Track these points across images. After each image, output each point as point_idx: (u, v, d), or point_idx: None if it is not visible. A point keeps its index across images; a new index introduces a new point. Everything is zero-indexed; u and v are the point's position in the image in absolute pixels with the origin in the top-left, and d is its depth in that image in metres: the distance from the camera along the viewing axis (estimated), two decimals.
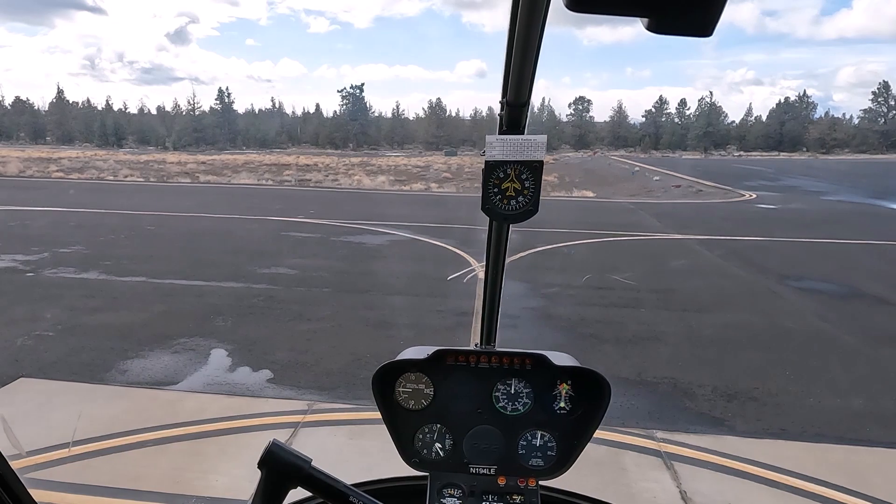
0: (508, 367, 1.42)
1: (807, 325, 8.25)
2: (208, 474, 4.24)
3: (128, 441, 4.66)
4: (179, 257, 11.85)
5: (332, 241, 14.04)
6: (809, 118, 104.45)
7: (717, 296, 9.68)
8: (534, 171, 1.08)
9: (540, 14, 0.74)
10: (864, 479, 4.40)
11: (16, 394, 5.49)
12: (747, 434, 5.16)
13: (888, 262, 12.84)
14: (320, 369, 6.29)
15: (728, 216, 20.57)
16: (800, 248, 14.45)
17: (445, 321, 8.07)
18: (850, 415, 5.58)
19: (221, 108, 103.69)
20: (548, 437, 1.41)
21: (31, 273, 10.22)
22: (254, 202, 22.65)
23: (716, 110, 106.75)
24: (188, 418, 5.06)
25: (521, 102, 0.98)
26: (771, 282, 10.61)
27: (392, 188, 31.47)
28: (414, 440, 1.44)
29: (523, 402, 1.42)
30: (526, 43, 0.80)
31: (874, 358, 7.02)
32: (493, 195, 1.10)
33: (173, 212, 19.16)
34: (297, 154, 70.23)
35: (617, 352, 7.03)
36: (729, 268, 11.74)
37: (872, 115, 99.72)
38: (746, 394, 5.93)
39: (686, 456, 4.74)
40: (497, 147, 1.06)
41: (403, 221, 17.19)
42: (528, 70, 0.87)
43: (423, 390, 1.43)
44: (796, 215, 20.72)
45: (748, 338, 7.62)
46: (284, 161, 51.42)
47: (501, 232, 1.29)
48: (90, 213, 18.35)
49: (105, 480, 4.14)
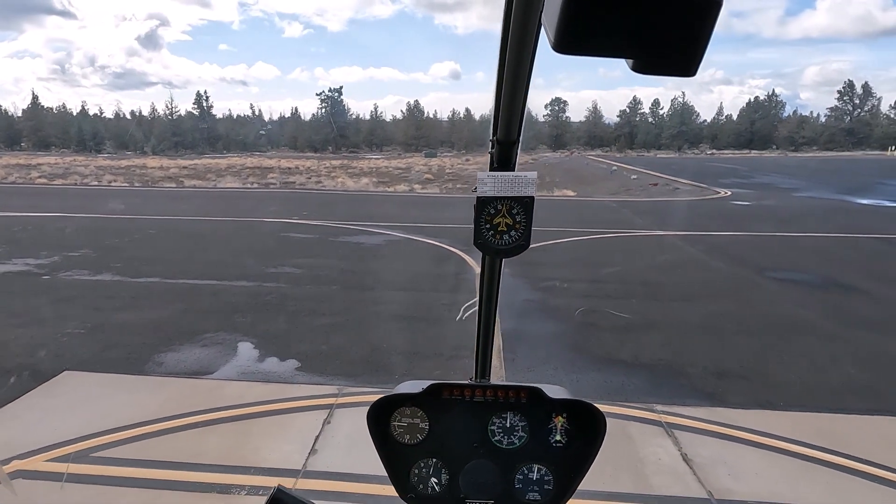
0: (504, 400, 1.42)
1: (785, 311, 8.92)
2: (259, 450, 4.66)
3: (179, 423, 5.05)
4: (189, 260, 12.17)
5: (331, 241, 14.46)
6: (778, 117, 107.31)
7: (701, 286, 10.32)
8: (525, 207, 1.10)
9: (528, 55, 0.75)
10: (842, 441, 4.96)
11: (62, 386, 5.82)
12: (738, 405, 5.72)
13: (857, 253, 13.67)
14: (343, 359, 6.72)
15: (706, 213, 21.42)
16: (775, 241, 15.25)
17: (447, 312, 8.54)
18: (827, 388, 6.19)
19: (199, 112, 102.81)
20: (544, 470, 1.41)
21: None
22: (246, 205, 22.91)
23: (688, 110, 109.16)
24: (230, 403, 5.46)
25: (511, 140, 1.00)
26: (750, 273, 11.31)
27: (376, 189, 31.81)
28: (410, 475, 1.45)
29: (519, 435, 1.42)
30: (515, 83, 0.82)
31: (847, 338, 7.67)
32: (486, 230, 1.10)
33: (174, 216, 19.41)
34: (277, 157, 70.05)
35: (614, 338, 7.57)
36: (710, 261, 12.43)
37: (839, 114, 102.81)
38: (735, 372, 6.52)
39: (684, 425, 5.27)
40: (489, 184, 1.08)
41: (394, 221, 17.64)
42: (518, 109, 0.90)
43: (419, 425, 1.44)
44: (771, 211, 21.64)
45: (733, 323, 8.25)
46: (266, 164, 51.32)
47: (494, 266, 1.30)
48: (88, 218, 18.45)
49: (165, 456, 4.54)
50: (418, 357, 6.86)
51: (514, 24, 0.67)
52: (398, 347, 7.14)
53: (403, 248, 13.72)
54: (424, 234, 15.19)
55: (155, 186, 33.01)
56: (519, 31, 0.69)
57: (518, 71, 0.78)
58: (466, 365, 6.47)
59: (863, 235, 15.85)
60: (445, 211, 21.27)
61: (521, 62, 0.76)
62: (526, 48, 0.73)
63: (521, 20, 0.66)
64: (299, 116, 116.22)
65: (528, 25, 0.67)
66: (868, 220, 19.26)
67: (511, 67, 0.78)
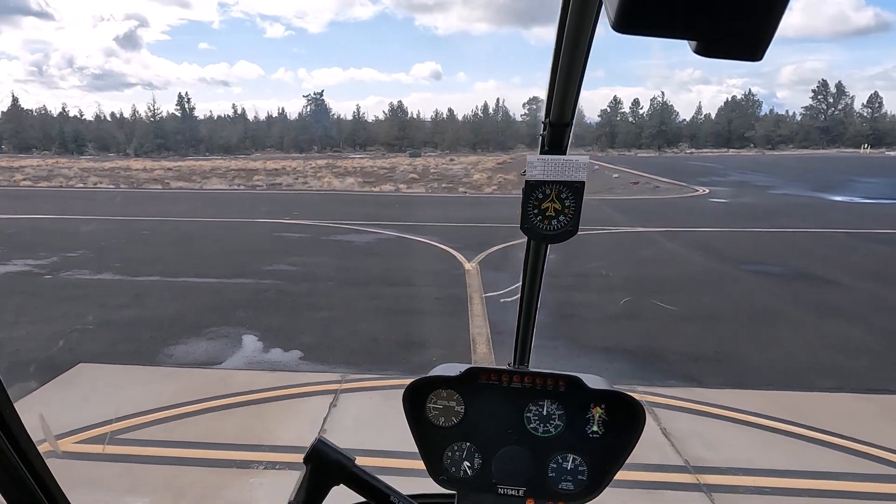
0: (541, 388, 1.41)
1: (758, 300, 9.46)
2: (272, 430, 5.02)
3: (194, 409, 5.39)
4: (187, 259, 12.45)
5: (323, 239, 14.81)
6: (755, 116, 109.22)
7: (680, 279, 10.85)
8: (575, 192, 1.08)
9: (586, 35, 0.74)
10: (806, 415, 5.45)
11: (77, 377, 6.12)
12: (712, 386, 6.19)
13: (828, 248, 14.32)
14: (344, 349, 7.09)
15: (685, 210, 22.09)
16: (751, 237, 15.90)
17: (440, 306, 8.94)
18: (798, 368, 6.71)
19: (182, 114, 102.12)
20: (579, 460, 1.40)
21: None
22: (236, 206, 23.15)
23: (668, 109, 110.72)
24: (240, 390, 5.81)
25: (564, 122, 0.98)
26: (726, 266, 11.88)
27: (362, 189, 32.09)
28: (443, 458, 1.44)
29: (555, 424, 1.41)
30: (571, 63, 0.80)
31: (815, 325, 8.22)
32: (533, 215, 1.10)
33: (166, 217, 19.58)
34: (262, 159, 69.93)
35: (599, 328, 8.04)
36: (689, 255, 12.99)
37: (814, 112, 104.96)
38: (711, 356, 7.02)
39: (663, 403, 5.73)
40: (538, 167, 1.06)
41: (382, 220, 18.04)
42: (573, 91, 0.88)
43: (454, 408, 1.44)
44: (747, 208, 22.36)
45: (710, 311, 8.76)
46: (251, 166, 51.24)
47: (539, 252, 1.29)
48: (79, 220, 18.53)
49: (186, 437, 4.89)
50: (415, 346, 7.26)
51: (574, 3, 0.67)
52: (395, 338, 7.52)
53: (395, 246, 14.11)
54: (414, 232, 15.59)
55: (142, 188, 32.97)
56: (578, 11, 0.68)
57: (575, 52, 0.78)
58: (457, 350, 6.88)
59: (832, 230, 16.55)
60: (432, 210, 21.68)
61: (579, 43, 0.75)
62: (585, 27, 0.72)
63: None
64: (286, 117, 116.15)
65: (587, 4, 0.66)
66: (838, 215, 20.03)
67: (568, 48, 0.77)
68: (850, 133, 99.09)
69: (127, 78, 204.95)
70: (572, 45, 0.76)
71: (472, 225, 17.90)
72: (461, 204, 24.68)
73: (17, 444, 0.78)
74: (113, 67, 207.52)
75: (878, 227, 16.96)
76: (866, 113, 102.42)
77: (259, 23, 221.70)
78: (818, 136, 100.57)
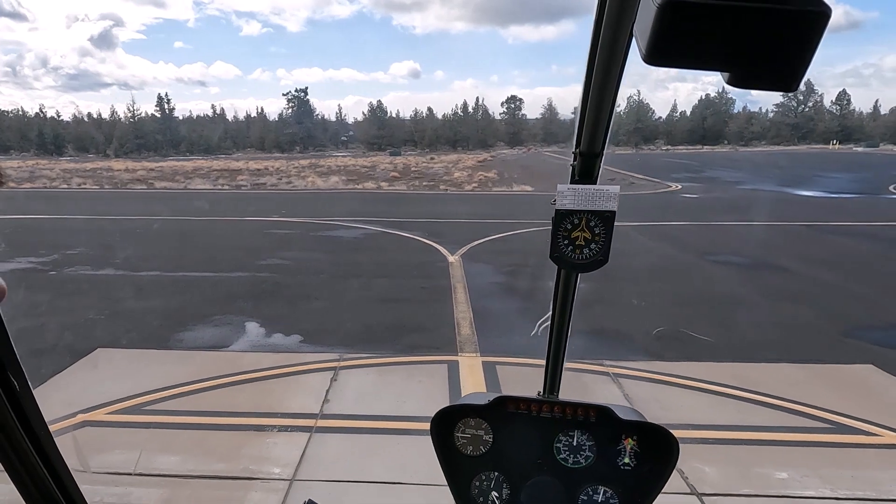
0: (571, 418, 1.39)
1: (718, 286, 10.33)
2: (282, 401, 5.68)
3: (209, 384, 6.02)
4: (185, 255, 13.01)
5: (313, 235, 15.48)
6: (729, 113, 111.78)
7: (651, 269, 11.68)
8: (605, 221, 1.08)
9: (617, 67, 0.73)
10: (750, 382, 6.23)
11: (96, 362, 6.70)
12: (670, 360, 6.98)
13: (790, 239, 15.32)
14: (341, 333, 7.76)
15: (657, 205, 23.06)
16: (716, 229, 16.88)
17: (426, 294, 9.64)
18: (748, 344, 7.54)
19: (161, 114, 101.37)
20: (610, 493, 1.37)
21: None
22: (225, 206, 23.77)
23: (644, 107, 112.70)
24: (249, 368, 6.45)
25: (594, 153, 0.97)
26: (692, 257, 12.77)
27: (346, 187, 32.64)
28: (471, 487, 1.43)
29: (585, 455, 1.38)
30: (602, 94, 0.80)
31: (770, 307, 9.09)
32: (564, 244, 1.09)
33: (159, 216, 20.06)
34: (245, 159, 69.94)
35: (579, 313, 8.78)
36: (659, 247, 13.86)
37: (785, 110, 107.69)
38: (672, 335, 7.82)
39: (627, 374, 6.48)
40: (568, 196, 1.05)
41: (368, 217, 18.72)
42: (604, 121, 0.88)
43: (483, 437, 1.42)
44: (716, 203, 23.43)
45: (674, 297, 9.59)
46: (234, 166, 51.40)
47: (570, 280, 1.28)
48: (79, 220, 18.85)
49: (205, 408, 5.52)
50: (405, 329, 7.94)
51: (605, 35, 0.67)
52: (387, 324, 8.20)
53: (382, 241, 14.81)
54: (399, 227, 16.30)
55: (126, 189, 33.21)
56: (609, 43, 0.68)
57: (606, 82, 0.77)
58: (443, 332, 7.58)
59: (793, 223, 17.61)
60: (415, 206, 22.40)
61: (610, 74, 0.75)
62: (615, 60, 0.71)
63: (612, 31, 0.65)
64: (265, 117, 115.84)
65: (619, 37, 0.66)
66: (800, 209, 21.14)
67: (599, 78, 0.77)
68: (819, 129, 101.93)
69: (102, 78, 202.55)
70: (603, 76, 0.76)
71: (454, 221, 18.66)
72: (442, 201, 25.40)
73: (31, 430, 0.73)
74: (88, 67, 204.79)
75: (834, 220, 18.09)
76: (835, 110, 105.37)
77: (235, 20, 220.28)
78: (789, 133, 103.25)
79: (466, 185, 32.64)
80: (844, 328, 7.98)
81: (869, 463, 4.71)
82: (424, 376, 6.32)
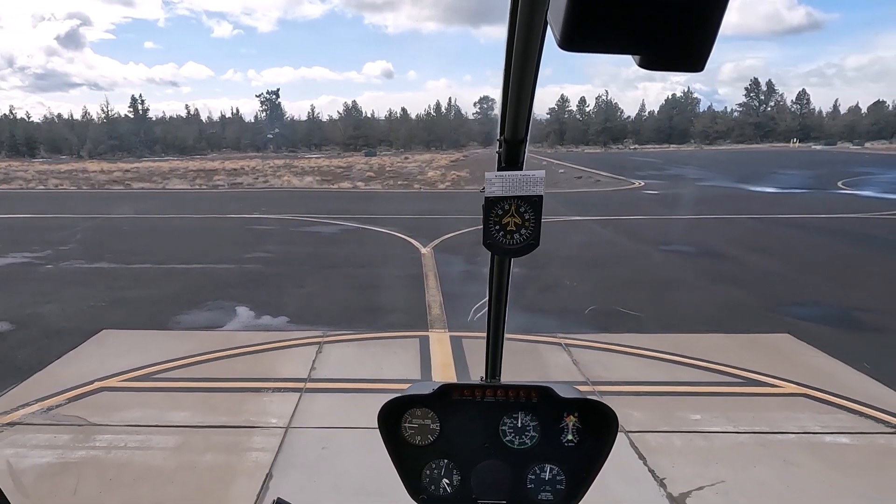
0: (514, 400, 1.42)
1: (666, 272, 11.41)
2: (274, 368, 6.50)
3: (208, 357, 6.80)
4: (174, 249, 13.66)
5: (292, 231, 16.27)
6: (694, 112, 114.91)
7: (605, 257, 12.75)
8: (533, 206, 1.11)
9: (534, 54, 0.74)
10: (682, 348, 7.21)
11: (103, 341, 7.42)
12: (617, 332, 7.96)
13: (736, 230, 16.59)
14: (325, 315, 8.58)
15: (619, 201, 24.34)
16: (671, 223, 18.12)
17: (400, 282, 10.51)
18: (677, 318, 8.58)
19: (135, 115, 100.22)
20: (556, 470, 1.41)
21: None
22: (204, 204, 24.40)
23: (612, 107, 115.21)
24: (242, 344, 7.24)
25: (518, 139, 0.99)
26: (644, 246, 13.89)
27: (321, 187, 33.25)
28: (421, 476, 1.46)
29: (530, 435, 1.42)
30: (521, 82, 0.81)
31: (707, 289, 10.18)
32: (495, 231, 1.10)
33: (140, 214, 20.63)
34: (220, 159, 69.78)
35: (538, 295, 9.75)
36: (615, 238, 14.97)
37: (748, 109, 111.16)
38: (623, 314, 8.83)
39: (577, 344, 7.42)
40: (496, 184, 1.07)
41: (345, 214, 19.58)
42: (525, 108, 0.89)
43: (430, 426, 1.45)
44: (674, 198, 24.81)
45: (626, 281, 10.63)
46: (210, 166, 51.46)
47: (504, 266, 1.29)
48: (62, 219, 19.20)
49: (208, 375, 6.31)
50: (382, 310, 8.80)
51: (520, 24, 0.68)
52: (366, 308, 9.04)
53: (359, 235, 15.66)
54: (374, 223, 17.17)
55: (104, 189, 33.36)
56: (525, 31, 0.69)
57: (524, 70, 0.78)
58: (416, 312, 8.46)
59: (744, 216, 18.95)
60: (390, 204, 23.22)
61: (528, 61, 0.76)
62: (532, 47, 0.72)
63: (526, 19, 0.66)
64: (241, 118, 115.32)
65: (533, 24, 0.67)
66: (752, 203, 22.57)
67: (517, 67, 0.78)
68: (781, 128, 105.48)
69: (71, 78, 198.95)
70: (521, 65, 0.77)
71: (427, 217, 19.58)
72: (416, 199, 26.30)
73: None
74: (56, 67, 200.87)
75: (782, 213, 19.50)
76: (796, 109, 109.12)
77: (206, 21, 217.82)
78: (752, 132, 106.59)
79: (440, 184, 33.54)
80: (767, 304, 9.09)
81: (768, 406, 5.73)
82: (399, 349, 7.18)
